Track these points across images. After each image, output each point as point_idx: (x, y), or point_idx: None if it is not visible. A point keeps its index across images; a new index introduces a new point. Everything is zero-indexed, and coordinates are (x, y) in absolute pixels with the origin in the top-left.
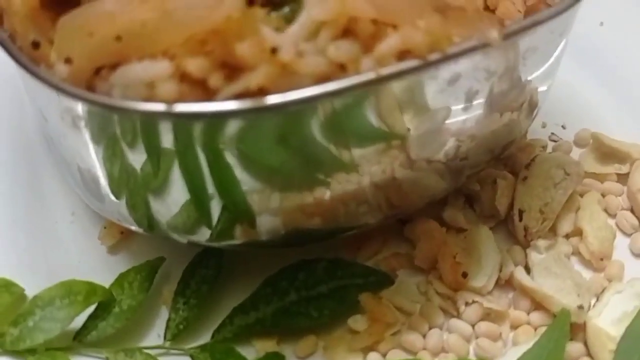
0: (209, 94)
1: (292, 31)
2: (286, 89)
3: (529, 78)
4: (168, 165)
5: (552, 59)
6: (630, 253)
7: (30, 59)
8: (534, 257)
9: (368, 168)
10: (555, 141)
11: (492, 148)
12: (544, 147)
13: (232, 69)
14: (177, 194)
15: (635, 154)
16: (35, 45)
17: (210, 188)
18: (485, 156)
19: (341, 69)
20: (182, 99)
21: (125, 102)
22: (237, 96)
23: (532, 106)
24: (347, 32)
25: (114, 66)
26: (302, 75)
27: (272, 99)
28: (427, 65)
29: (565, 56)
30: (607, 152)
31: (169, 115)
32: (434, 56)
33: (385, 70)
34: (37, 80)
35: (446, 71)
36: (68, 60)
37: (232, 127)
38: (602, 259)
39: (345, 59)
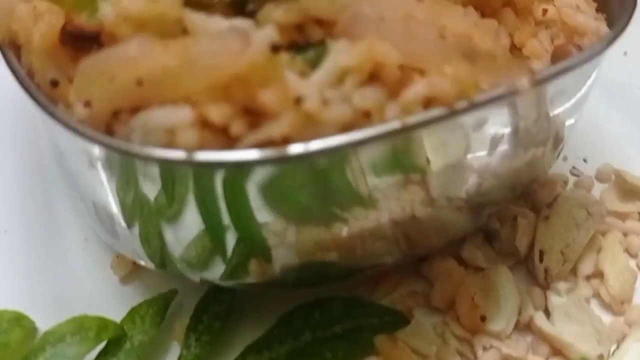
0: (231, 141)
1: (317, 78)
2: (310, 137)
3: (556, 115)
4: (184, 204)
5: (580, 95)
6: None
7: (49, 97)
8: (554, 300)
9: (387, 205)
10: (576, 175)
11: (515, 185)
12: (565, 183)
13: (254, 115)
14: (191, 228)
15: None
16: (54, 83)
17: (226, 220)
18: (508, 194)
19: (366, 116)
20: (203, 146)
21: (145, 149)
22: (260, 144)
23: (557, 142)
24: (372, 77)
25: (134, 110)
26: (326, 123)
27: (295, 149)
28: (454, 113)
29: None
30: (629, 189)
31: (189, 163)
32: (460, 104)
33: (411, 119)
34: (55, 121)
35: (473, 116)
36: (87, 104)
37: (254, 174)
38: (622, 303)
39: (371, 107)
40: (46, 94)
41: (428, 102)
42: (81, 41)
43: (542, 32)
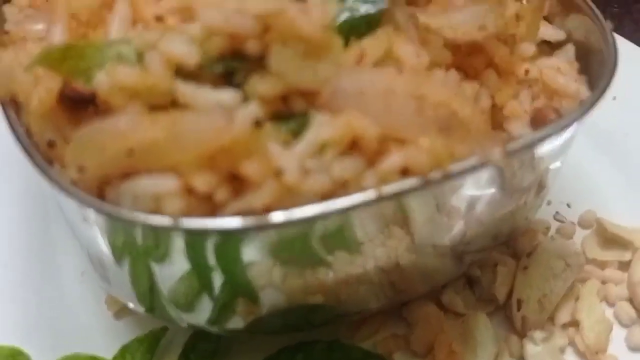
0: (215, 208)
1: (298, 149)
2: (290, 205)
3: (540, 162)
4: (170, 258)
5: (564, 142)
6: (626, 347)
7: (45, 157)
8: (530, 349)
9: (372, 251)
10: (559, 221)
11: (499, 233)
12: (548, 229)
13: (237, 181)
14: (177, 276)
15: (638, 242)
16: (51, 144)
17: (213, 274)
18: (491, 242)
19: (344, 185)
20: (188, 213)
21: (134, 215)
22: (242, 212)
23: (541, 190)
24: (351, 146)
25: (124, 176)
26: (306, 193)
27: (276, 217)
28: (428, 184)
29: None
30: (609, 238)
31: (174, 228)
32: (435, 175)
33: (387, 189)
34: (50, 182)
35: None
36: (81, 169)
37: (238, 238)
38: (597, 353)
39: (349, 177)
40: (43, 153)
41: (404, 171)
42: (78, 103)
43: (524, 91)
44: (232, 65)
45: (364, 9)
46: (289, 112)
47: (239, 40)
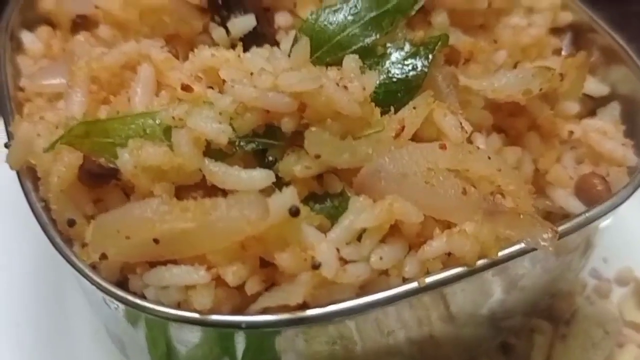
0: (245, 298)
1: (335, 237)
2: (326, 298)
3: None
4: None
5: None
6: None
7: (65, 235)
8: None
9: (403, 321)
10: (596, 278)
11: (540, 299)
12: (584, 287)
13: (269, 267)
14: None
15: None
16: (71, 223)
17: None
18: (531, 308)
19: (384, 274)
20: (217, 304)
21: (160, 308)
22: (275, 307)
23: (587, 249)
24: (392, 229)
25: (149, 263)
26: (343, 286)
27: (312, 313)
28: (473, 272)
29: None
30: None
31: (204, 324)
32: (480, 263)
33: (429, 280)
34: (70, 265)
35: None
36: (103, 257)
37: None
38: None
39: (389, 266)
40: (62, 231)
41: (448, 256)
42: (99, 178)
43: (568, 153)
44: (265, 142)
45: (404, 73)
46: (325, 192)
47: (273, 117)
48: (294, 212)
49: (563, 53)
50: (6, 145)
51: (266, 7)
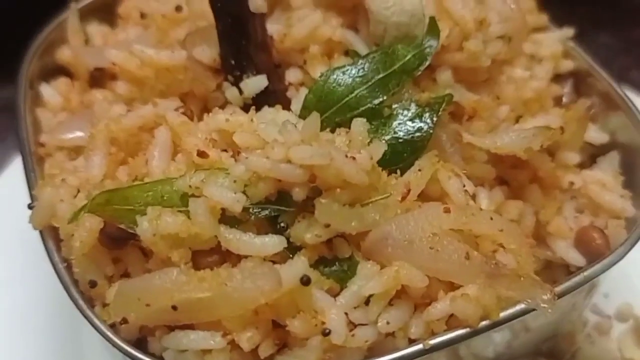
0: None
1: (344, 303)
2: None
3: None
4: None
5: None
6: None
7: (86, 295)
8: None
9: None
10: (597, 314)
11: (544, 339)
12: (585, 324)
13: (281, 329)
14: None
15: None
16: (93, 284)
17: None
18: (534, 347)
19: (390, 334)
20: None
21: None
22: None
23: (592, 289)
24: (398, 292)
25: (167, 327)
26: (352, 349)
27: None
28: (476, 333)
29: None
30: None
31: None
32: (483, 324)
33: (435, 340)
34: (91, 326)
35: None
36: (124, 321)
37: None
38: None
39: (396, 328)
40: (84, 291)
41: (451, 317)
42: (119, 241)
43: (568, 203)
44: (277, 208)
45: (410, 134)
46: (334, 257)
47: (285, 184)
48: (305, 282)
49: (564, 100)
50: (29, 207)
51: (277, 64)
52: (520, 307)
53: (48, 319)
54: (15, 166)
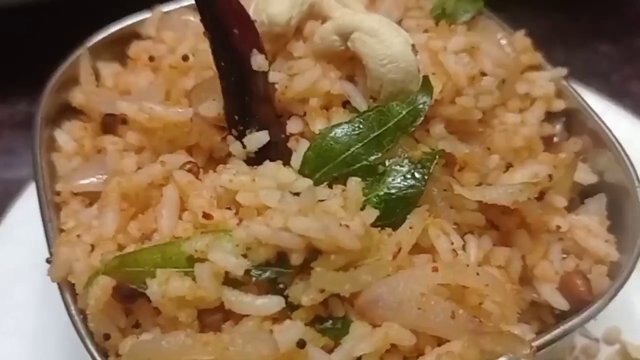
0: None
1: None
2: None
3: None
4: None
5: None
6: None
7: (101, 346)
8: None
9: None
10: (585, 336)
11: None
12: (573, 348)
13: None
14: None
15: None
16: (106, 337)
17: None
18: None
19: None
20: None
21: None
22: None
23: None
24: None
25: None
26: None
27: None
28: None
29: None
30: None
31: None
32: None
33: None
34: None
35: None
36: None
37: None
38: None
39: None
40: (98, 342)
41: None
42: (131, 298)
43: (555, 244)
44: (277, 270)
45: (402, 191)
46: (329, 315)
47: (284, 249)
48: (301, 345)
49: (555, 139)
50: (48, 261)
51: (279, 114)
52: (503, 358)
53: None
54: (30, 192)
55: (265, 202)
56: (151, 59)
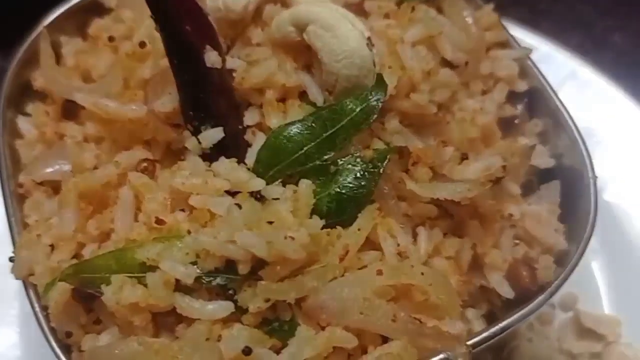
0: None
1: None
2: None
3: None
4: None
5: None
6: None
7: (63, 341)
8: None
9: None
10: None
11: None
12: None
13: None
14: None
15: (611, 336)
16: (68, 335)
17: None
18: None
19: None
20: None
21: None
22: None
23: None
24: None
25: None
26: None
27: None
28: None
29: None
30: (584, 330)
31: None
32: None
33: None
34: None
35: None
36: None
37: None
38: None
39: None
40: (61, 338)
41: None
42: (89, 298)
43: (507, 231)
44: (225, 277)
45: (353, 190)
46: (276, 317)
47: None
48: (247, 352)
49: (517, 121)
50: (11, 259)
51: (236, 104)
52: (441, 356)
53: None
54: None
55: (214, 211)
56: (111, 39)
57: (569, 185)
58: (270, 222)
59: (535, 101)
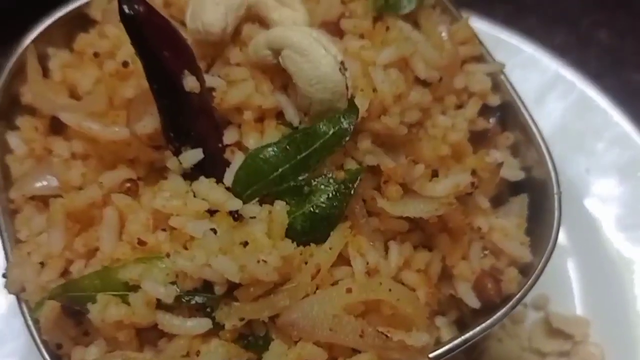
0: None
1: None
2: None
3: None
4: None
5: None
6: None
7: (55, 353)
8: None
9: None
10: None
11: None
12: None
13: None
14: None
15: (579, 336)
16: (59, 347)
17: None
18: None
19: None
20: None
21: None
22: None
23: None
24: None
25: None
26: None
27: None
28: None
29: None
30: (554, 330)
31: None
32: None
33: None
34: None
35: None
36: None
37: None
38: None
39: None
40: (53, 350)
41: None
42: (78, 314)
43: (476, 242)
44: (204, 296)
45: (325, 210)
46: (251, 332)
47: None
48: None
49: (489, 134)
50: (4, 275)
51: (216, 124)
52: None
53: None
54: None
55: (192, 234)
56: (96, 55)
57: (536, 199)
58: (245, 244)
59: (506, 115)
